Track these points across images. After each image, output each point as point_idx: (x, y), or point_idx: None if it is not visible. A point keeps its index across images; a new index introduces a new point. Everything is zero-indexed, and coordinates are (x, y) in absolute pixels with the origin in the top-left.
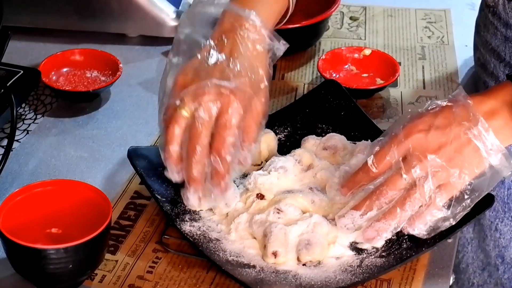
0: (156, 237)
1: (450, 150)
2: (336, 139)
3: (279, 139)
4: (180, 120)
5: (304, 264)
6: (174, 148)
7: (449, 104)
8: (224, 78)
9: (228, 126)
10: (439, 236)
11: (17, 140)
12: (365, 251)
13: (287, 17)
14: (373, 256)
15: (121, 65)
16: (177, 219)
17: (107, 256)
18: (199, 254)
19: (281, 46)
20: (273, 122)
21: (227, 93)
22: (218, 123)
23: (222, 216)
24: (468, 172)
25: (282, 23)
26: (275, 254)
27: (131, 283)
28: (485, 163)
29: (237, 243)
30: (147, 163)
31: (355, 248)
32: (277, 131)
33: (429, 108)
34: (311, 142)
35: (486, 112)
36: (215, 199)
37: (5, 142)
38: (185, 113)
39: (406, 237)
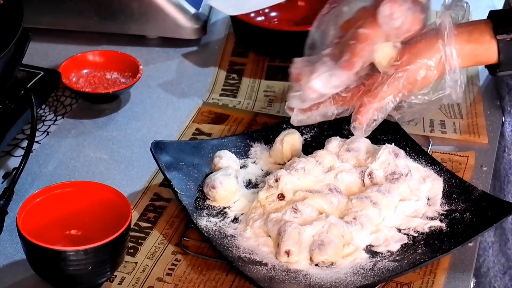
0: (176, 239)
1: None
2: (360, 141)
3: (305, 139)
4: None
5: (316, 265)
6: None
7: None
8: None
9: None
10: (454, 242)
11: (37, 142)
12: (380, 255)
13: None
14: (386, 260)
15: (141, 66)
16: (194, 214)
17: (127, 258)
18: (218, 255)
19: None
20: None
21: None
22: None
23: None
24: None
25: None
26: (287, 253)
27: (150, 285)
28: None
29: (251, 240)
30: (169, 157)
31: (370, 251)
32: (303, 131)
33: None
34: (334, 143)
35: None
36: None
37: (25, 143)
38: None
39: (422, 242)
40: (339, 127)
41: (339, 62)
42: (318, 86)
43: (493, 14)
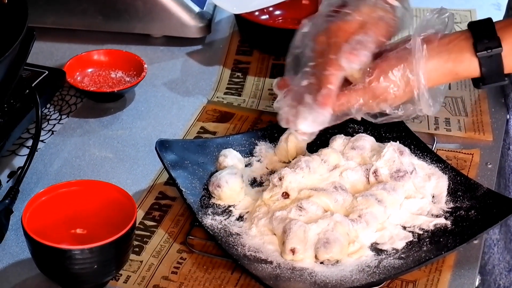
0: (181, 237)
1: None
2: (365, 139)
3: None
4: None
5: (322, 262)
6: None
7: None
8: None
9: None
10: (459, 240)
11: (42, 141)
12: (385, 252)
13: None
14: (392, 257)
15: (145, 65)
16: (199, 212)
17: (132, 256)
18: (224, 254)
19: None
20: None
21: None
22: None
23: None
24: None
25: None
26: (293, 251)
27: (155, 283)
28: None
29: (257, 238)
30: (174, 155)
31: (375, 248)
32: None
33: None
34: (338, 141)
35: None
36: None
37: (30, 143)
38: None
39: (427, 240)
40: (344, 125)
41: (317, 99)
42: (306, 129)
43: (472, 26)
